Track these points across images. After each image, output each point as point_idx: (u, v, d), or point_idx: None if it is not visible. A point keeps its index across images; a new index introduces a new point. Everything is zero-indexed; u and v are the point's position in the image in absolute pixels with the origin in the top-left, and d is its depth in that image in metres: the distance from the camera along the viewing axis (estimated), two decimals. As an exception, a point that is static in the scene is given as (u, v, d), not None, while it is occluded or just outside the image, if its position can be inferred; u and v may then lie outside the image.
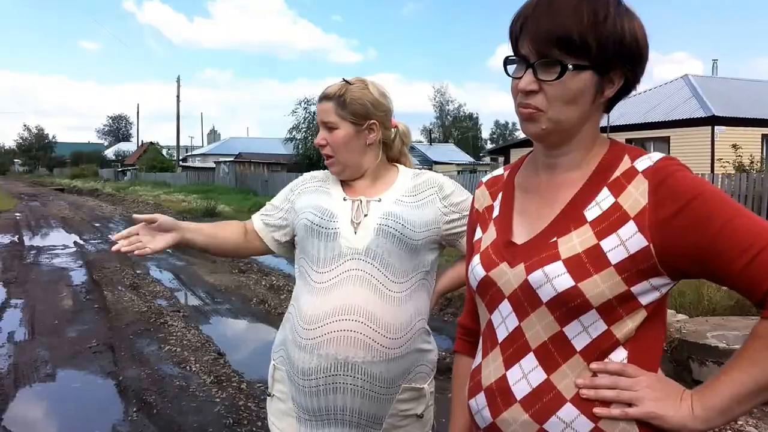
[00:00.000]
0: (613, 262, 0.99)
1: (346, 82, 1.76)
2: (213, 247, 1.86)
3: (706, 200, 0.95)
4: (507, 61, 1.08)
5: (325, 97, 1.75)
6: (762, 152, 18.06)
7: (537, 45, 1.02)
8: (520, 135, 22.79)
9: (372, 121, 1.73)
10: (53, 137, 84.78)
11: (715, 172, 14.71)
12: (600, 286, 0.99)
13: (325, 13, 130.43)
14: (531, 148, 1.19)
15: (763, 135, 19.05)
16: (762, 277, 0.91)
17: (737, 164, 13.79)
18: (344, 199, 1.73)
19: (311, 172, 1.90)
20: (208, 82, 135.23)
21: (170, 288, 8.33)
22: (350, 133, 1.72)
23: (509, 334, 1.09)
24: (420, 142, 57.47)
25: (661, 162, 1.01)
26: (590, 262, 1.00)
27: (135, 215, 1.73)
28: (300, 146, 31.60)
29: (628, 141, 20.96)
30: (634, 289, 0.99)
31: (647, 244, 0.98)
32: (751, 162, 13.92)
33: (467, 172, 33.24)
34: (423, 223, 1.68)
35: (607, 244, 1.00)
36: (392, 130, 1.82)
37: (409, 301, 1.66)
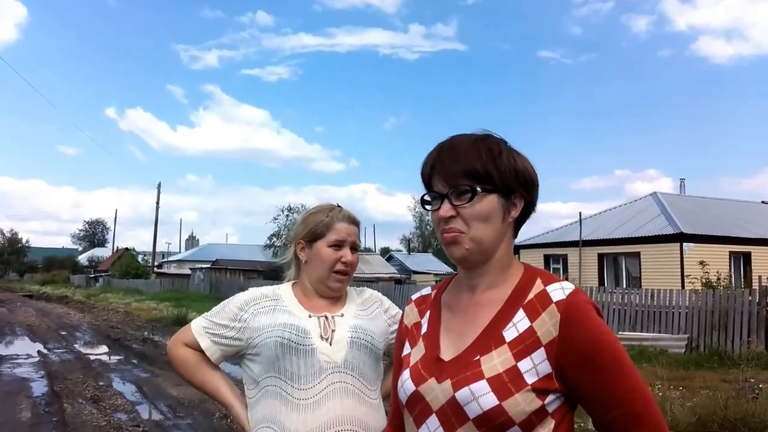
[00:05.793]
0: (529, 382, 1.09)
1: (340, 207, 1.90)
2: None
3: (599, 353, 1.09)
4: (423, 201, 1.23)
5: (355, 222, 1.89)
6: (729, 269, 18.37)
7: (449, 180, 1.18)
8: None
9: None
10: (26, 242, 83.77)
11: (685, 287, 14.92)
12: (521, 404, 1.07)
13: (308, 125, 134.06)
14: None
15: (730, 252, 19.47)
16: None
17: (705, 280, 14.05)
18: (309, 317, 1.79)
19: (258, 289, 1.90)
20: (189, 187, 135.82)
21: (132, 401, 8.03)
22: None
23: None
24: (399, 251, 57.92)
25: (573, 297, 1.12)
26: (511, 381, 1.09)
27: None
28: (279, 253, 31.57)
29: (600, 255, 21.29)
30: (545, 401, 1.10)
31: (551, 371, 1.10)
32: (718, 279, 14.19)
33: (444, 282, 33.24)
34: (380, 333, 1.82)
35: (523, 365, 1.10)
36: None
37: (381, 406, 1.78)
